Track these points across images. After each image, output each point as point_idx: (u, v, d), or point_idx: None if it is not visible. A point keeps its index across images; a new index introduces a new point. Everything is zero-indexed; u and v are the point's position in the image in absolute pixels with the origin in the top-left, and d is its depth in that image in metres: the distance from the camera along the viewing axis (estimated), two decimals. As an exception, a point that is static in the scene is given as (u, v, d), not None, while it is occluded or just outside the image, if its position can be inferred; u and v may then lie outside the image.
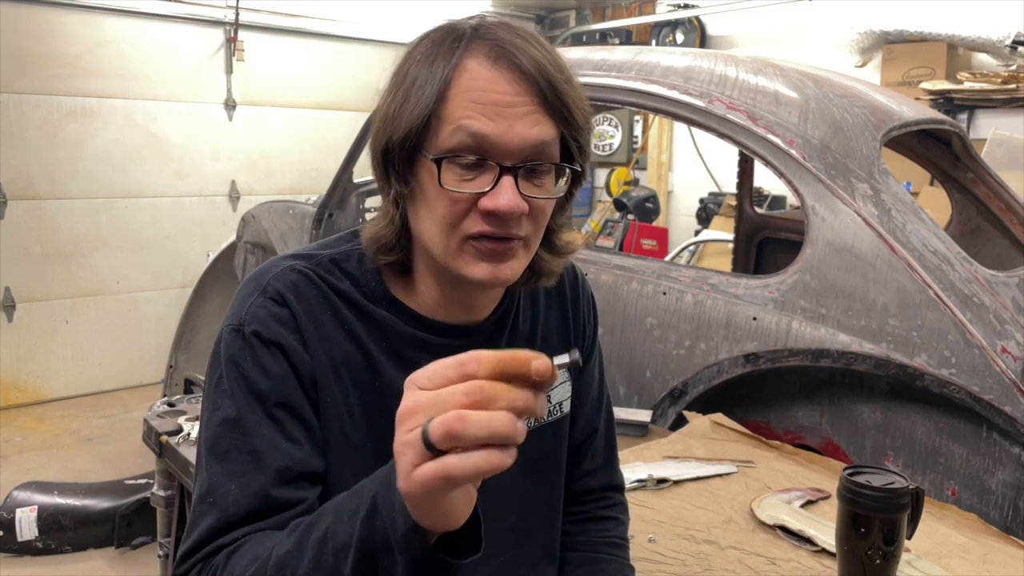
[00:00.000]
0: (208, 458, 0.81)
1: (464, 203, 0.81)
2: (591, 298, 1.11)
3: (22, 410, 4.57)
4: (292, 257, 0.90)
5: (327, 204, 3.24)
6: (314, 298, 0.87)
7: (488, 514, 0.97)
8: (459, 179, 0.81)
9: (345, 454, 0.87)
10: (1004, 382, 1.64)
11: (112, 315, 4.94)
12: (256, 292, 0.86)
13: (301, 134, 5.55)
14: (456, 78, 0.80)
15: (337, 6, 5.49)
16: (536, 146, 0.81)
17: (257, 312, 0.84)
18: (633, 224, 5.10)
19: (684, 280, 2.04)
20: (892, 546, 0.97)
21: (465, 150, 0.80)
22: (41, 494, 3.01)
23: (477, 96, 0.79)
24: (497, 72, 0.80)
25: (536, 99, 0.81)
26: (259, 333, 0.83)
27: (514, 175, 0.80)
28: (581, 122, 0.85)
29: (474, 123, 0.79)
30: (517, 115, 0.80)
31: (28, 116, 4.50)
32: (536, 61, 0.81)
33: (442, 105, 0.80)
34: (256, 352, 0.83)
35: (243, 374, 0.82)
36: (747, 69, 2.13)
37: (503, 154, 0.80)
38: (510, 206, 0.80)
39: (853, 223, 1.84)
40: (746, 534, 1.30)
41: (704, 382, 1.96)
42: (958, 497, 1.73)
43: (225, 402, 0.82)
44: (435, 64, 0.81)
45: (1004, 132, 3.85)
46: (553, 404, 1.03)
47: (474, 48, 0.81)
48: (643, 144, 6.10)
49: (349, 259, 0.91)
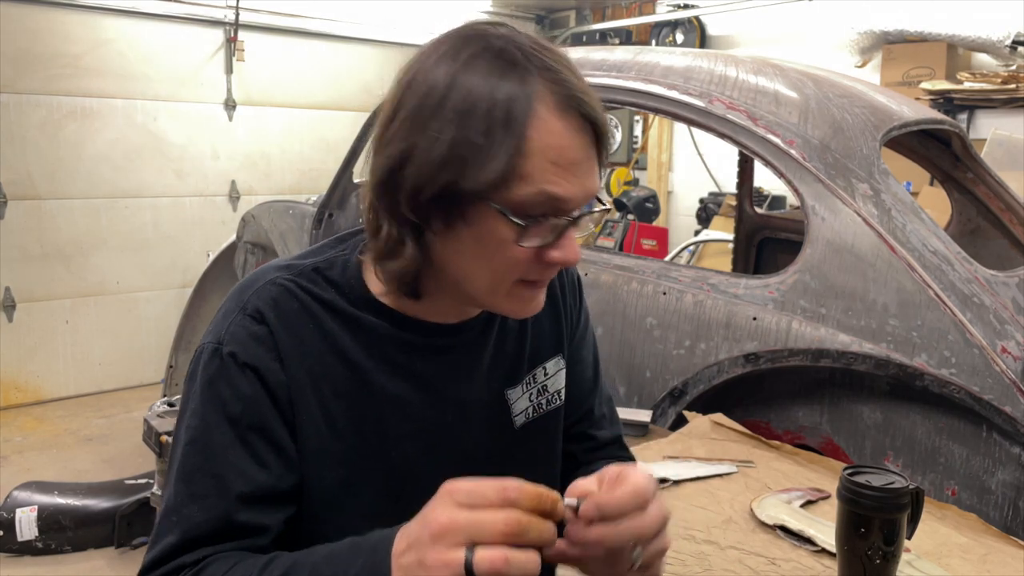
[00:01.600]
0: (176, 475, 0.82)
1: (527, 253, 0.81)
2: (576, 280, 1.11)
3: (22, 410, 4.57)
4: (275, 269, 0.89)
5: (327, 204, 3.24)
6: (294, 312, 0.86)
7: None
8: (528, 235, 0.79)
9: (326, 467, 0.87)
10: (1004, 382, 1.64)
11: (112, 315, 4.94)
12: (236, 310, 0.85)
13: (301, 134, 5.55)
14: (532, 130, 0.76)
15: (337, 6, 5.49)
16: (593, 196, 0.83)
17: (235, 332, 0.84)
18: (633, 224, 5.10)
19: (684, 280, 2.04)
20: (892, 546, 0.97)
21: (540, 210, 0.78)
22: (41, 494, 3.01)
23: (555, 156, 0.77)
24: (566, 122, 0.77)
25: (594, 150, 0.81)
26: (235, 355, 0.83)
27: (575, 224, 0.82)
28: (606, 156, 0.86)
29: (558, 189, 0.77)
30: (584, 171, 0.79)
31: (28, 116, 4.50)
32: (595, 108, 0.80)
33: (520, 160, 0.76)
34: (231, 374, 0.82)
35: (217, 395, 0.82)
36: (747, 69, 2.13)
37: (572, 209, 0.80)
38: (577, 258, 0.82)
39: (853, 223, 1.84)
40: (746, 534, 1.30)
41: (704, 382, 1.96)
42: (958, 497, 1.73)
43: (195, 422, 0.82)
44: (497, 105, 0.75)
45: (1004, 132, 3.85)
46: (551, 392, 1.04)
47: (540, 92, 0.77)
48: (643, 144, 6.10)
49: (332, 266, 0.90)
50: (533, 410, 1.02)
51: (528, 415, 1.01)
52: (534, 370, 1.02)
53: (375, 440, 0.89)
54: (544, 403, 1.03)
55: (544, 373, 1.03)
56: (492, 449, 0.98)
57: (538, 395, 1.02)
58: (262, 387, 0.83)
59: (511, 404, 1.00)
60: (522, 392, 1.01)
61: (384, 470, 0.90)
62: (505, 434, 0.99)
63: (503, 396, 0.99)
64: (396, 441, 0.90)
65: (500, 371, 0.99)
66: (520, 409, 1.00)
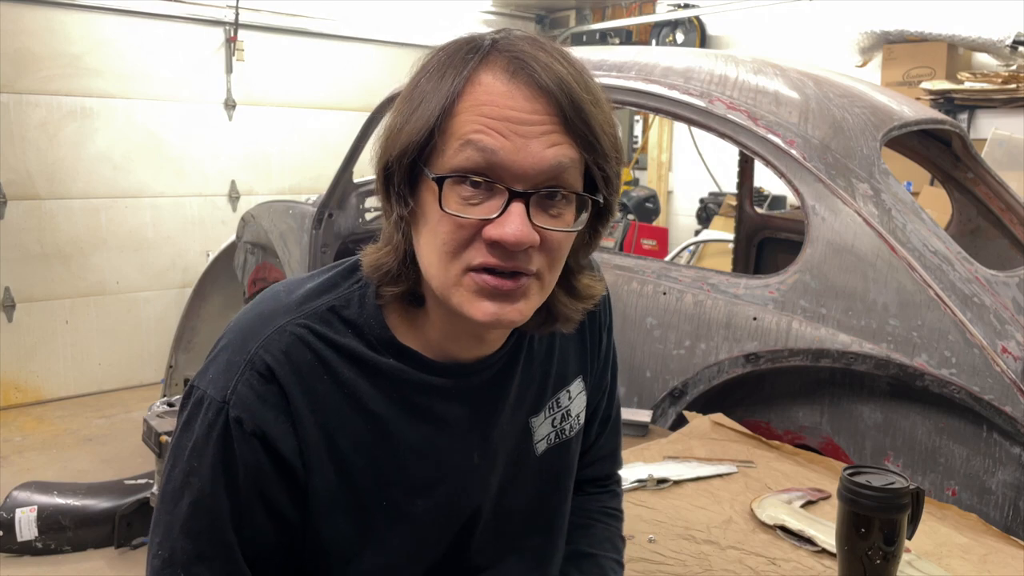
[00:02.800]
0: (179, 530, 0.78)
1: (468, 229, 0.74)
2: (606, 304, 1.04)
3: (22, 410, 4.57)
4: (285, 311, 0.81)
5: (327, 204, 3.24)
6: (308, 365, 0.79)
7: (513, 535, 0.95)
8: (464, 202, 0.73)
9: (346, 521, 0.83)
10: (1004, 382, 1.64)
11: (112, 315, 4.94)
12: (243, 363, 0.78)
13: (301, 134, 5.55)
14: (467, 91, 0.73)
15: (337, 6, 5.49)
16: (552, 170, 0.73)
17: (243, 393, 0.77)
18: (633, 224, 5.10)
19: (684, 280, 2.04)
20: (892, 546, 0.97)
21: (472, 169, 0.72)
22: (41, 494, 3.01)
23: (489, 111, 0.72)
24: (513, 86, 0.72)
25: (556, 118, 0.73)
26: (242, 421, 0.76)
27: (525, 202, 0.73)
28: (608, 149, 0.77)
29: (484, 138, 0.71)
30: (533, 134, 0.72)
31: (28, 116, 4.50)
32: (559, 77, 0.73)
33: (449, 120, 0.73)
34: (237, 441, 0.77)
35: (222, 459, 0.77)
36: (747, 69, 2.13)
37: (514, 177, 0.72)
38: (516, 236, 0.72)
39: (853, 223, 1.84)
40: (746, 534, 1.30)
41: (704, 382, 1.96)
42: (958, 497, 1.73)
43: (199, 482, 0.77)
44: (445, 76, 0.74)
45: (1004, 132, 3.85)
46: (573, 416, 0.99)
47: (491, 60, 0.74)
48: (643, 144, 6.10)
49: (349, 304, 0.82)
50: (555, 436, 0.96)
51: (550, 441, 0.96)
52: (558, 394, 0.96)
53: (397, 492, 0.84)
54: (567, 429, 0.98)
55: (568, 397, 0.98)
56: (510, 478, 0.93)
57: (561, 420, 0.97)
58: (267, 456, 0.78)
59: (533, 431, 0.94)
60: (544, 418, 0.95)
61: (408, 520, 0.85)
62: (525, 462, 0.94)
63: (527, 425, 0.93)
64: (421, 491, 0.85)
65: (526, 400, 0.93)
66: (542, 436, 0.95)
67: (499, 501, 0.92)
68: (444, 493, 0.87)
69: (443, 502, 0.87)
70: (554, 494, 0.98)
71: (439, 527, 0.88)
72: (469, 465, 0.88)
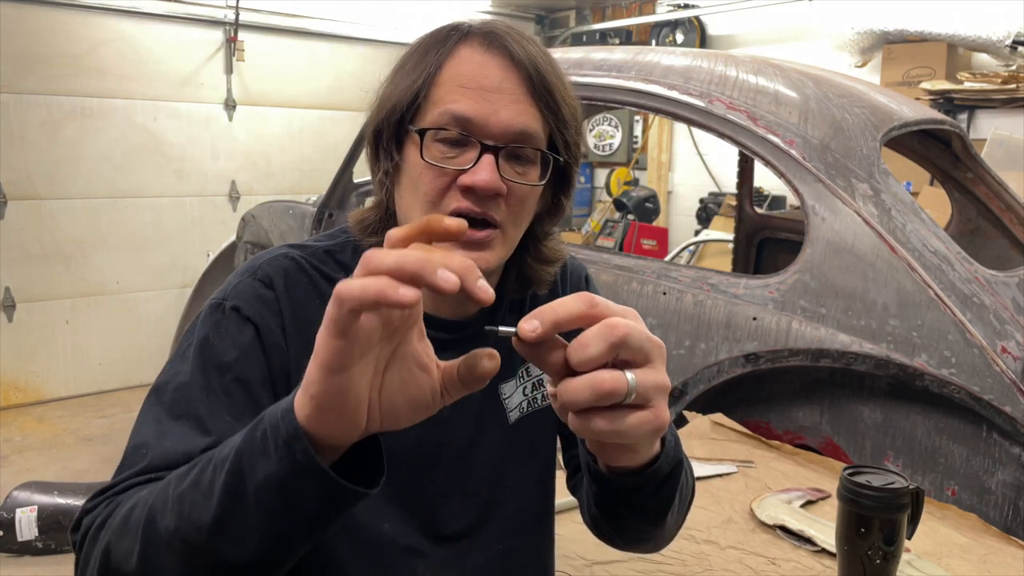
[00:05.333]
0: (161, 414, 0.79)
1: (446, 178, 0.84)
2: (585, 277, 1.08)
3: (22, 410, 4.57)
4: (288, 247, 0.92)
5: (327, 204, 3.24)
6: (303, 285, 0.88)
7: (489, 502, 0.97)
8: (442, 155, 0.83)
9: None
10: (1004, 382, 1.64)
11: (112, 315, 4.94)
12: (246, 273, 0.87)
13: (301, 134, 5.55)
14: (448, 63, 0.84)
15: (337, 6, 5.49)
16: (520, 134, 0.83)
17: (242, 290, 0.85)
18: (633, 224, 5.10)
19: (684, 280, 2.04)
20: (892, 546, 0.97)
21: (450, 125, 0.83)
22: (41, 494, 3.01)
23: (465, 80, 0.83)
24: (488, 58, 0.83)
25: (524, 88, 0.84)
26: (238, 308, 0.84)
27: (496, 154, 0.83)
28: (568, 118, 0.87)
29: (459, 106, 0.82)
30: (504, 101, 0.83)
31: (28, 116, 4.50)
32: (529, 53, 0.84)
33: (432, 88, 0.84)
34: (230, 324, 0.83)
35: (211, 342, 0.82)
36: (747, 69, 2.13)
37: (486, 136, 0.83)
38: (486, 181, 0.81)
39: (853, 223, 1.84)
40: (746, 534, 1.30)
41: (704, 382, 1.96)
42: (958, 497, 1.73)
43: (184, 367, 0.81)
44: (429, 52, 0.86)
45: (1004, 132, 3.85)
46: (546, 385, 1.02)
47: (470, 37, 0.85)
48: (643, 144, 6.10)
49: (344, 250, 0.93)
50: (527, 404, 1.00)
51: (522, 410, 1.00)
52: (528, 363, 0.99)
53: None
54: (539, 397, 1.01)
55: None
56: (486, 446, 0.96)
57: (532, 389, 1.01)
58: (259, 343, 0.83)
59: (504, 400, 0.98)
60: (516, 386, 0.99)
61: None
62: (499, 431, 0.98)
63: (496, 392, 0.98)
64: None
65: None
66: (514, 404, 0.99)
67: (465, 456, 0.94)
68: (411, 434, 0.85)
69: (411, 442, 0.88)
70: (530, 462, 1.00)
71: (396, 456, 0.87)
72: (439, 416, 0.90)
